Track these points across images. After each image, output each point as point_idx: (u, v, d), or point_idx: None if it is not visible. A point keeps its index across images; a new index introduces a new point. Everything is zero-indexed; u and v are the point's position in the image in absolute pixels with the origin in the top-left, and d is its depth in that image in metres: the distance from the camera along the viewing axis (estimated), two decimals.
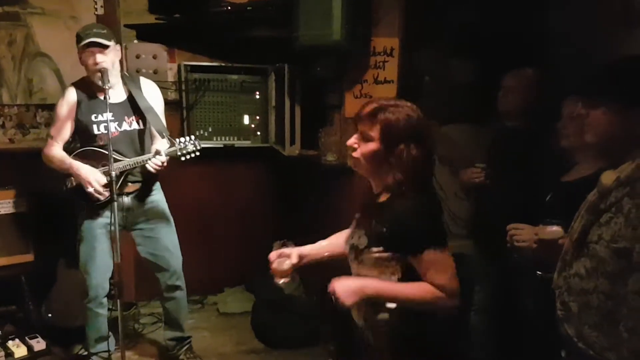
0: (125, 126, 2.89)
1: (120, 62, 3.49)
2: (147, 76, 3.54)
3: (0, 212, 3.23)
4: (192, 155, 2.80)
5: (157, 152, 2.76)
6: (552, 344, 1.69)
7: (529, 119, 2.75)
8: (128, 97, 2.90)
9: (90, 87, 2.84)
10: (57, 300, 3.40)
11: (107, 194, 2.75)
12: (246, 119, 3.86)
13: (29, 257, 3.31)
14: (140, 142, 2.94)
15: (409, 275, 1.67)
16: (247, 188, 2.99)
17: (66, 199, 2.95)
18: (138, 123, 2.93)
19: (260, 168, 3.89)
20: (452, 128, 3.14)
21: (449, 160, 3.16)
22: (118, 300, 2.60)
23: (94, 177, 2.75)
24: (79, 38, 2.73)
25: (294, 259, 1.90)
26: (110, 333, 3.10)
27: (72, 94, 2.86)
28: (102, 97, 2.73)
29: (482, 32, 3.12)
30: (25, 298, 3.33)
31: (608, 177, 1.48)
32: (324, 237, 2.05)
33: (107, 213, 2.80)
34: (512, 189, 2.60)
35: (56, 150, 2.86)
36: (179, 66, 3.68)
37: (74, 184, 2.84)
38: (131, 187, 2.92)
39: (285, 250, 1.92)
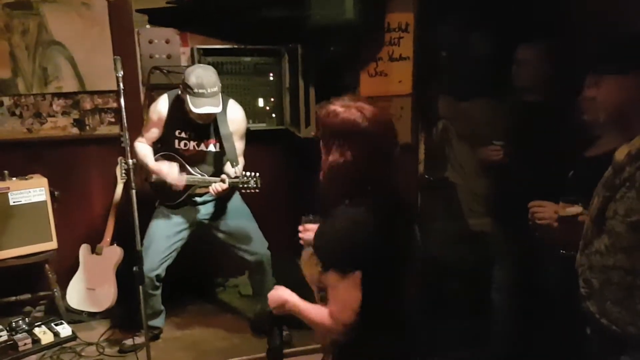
0: (202, 147, 3.09)
1: (133, 47, 3.54)
2: (160, 61, 3.57)
3: (22, 201, 3.25)
4: (251, 191, 2.96)
5: (222, 180, 2.94)
6: (574, 321, 1.68)
7: (548, 93, 2.68)
8: (213, 120, 3.03)
9: (182, 106, 2.96)
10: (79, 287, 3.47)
11: (184, 182, 3.01)
12: (261, 102, 3.83)
13: (52, 245, 3.34)
14: (215, 163, 3.13)
15: None
16: (263, 171, 2.98)
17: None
18: (215, 146, 3.10)
19: (276, 151, 3.87)
20: (471, 104, 3.08)
21: (468, 137, 3.11)
22: (141, 287, 2.66)
23: (170, 173, 3.00)
24: (189, 91, 2.83)
25: None
26: (163, 308, 3.27)
27: (163, 106, 3.06)
28: (189, 116, 2.93)
29: (500, 4, 3.03)
30: (50, 285, 3.38)
31: (621, 153, 1.49)
32: None
33: (178, 217, 3.14)
34: (533, 165, 2.55)
35: (142, 147, 3.10)
36: (191, 50, 3.65)
37: (154, 179, 3.10)
38: (203, 190, 3.09)
39: (310, 225, 1.92)
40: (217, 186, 2.95)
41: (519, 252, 2.84)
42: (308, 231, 1.89)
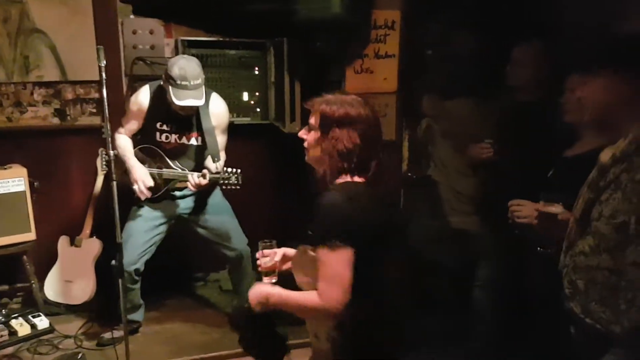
0: (184, 140, 3.06)
1: (117, 37, 3.50)
2: (143, 52, 3.53)
3: (0, 191, 3.20)
4: (232, 187, 2.94)
5: (203, 175, 2.92)
6: (557, 319, 1.70)
7: (539, 93, 2.70)
8: (195, 113, 3.00)
9: (164, 97, 2.93)
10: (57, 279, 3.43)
11: (149, 194, 2.99)
12: (245, 96, 3.81)
13: (30, 236, 3.30)
14: (196, 157, 3.10)
15: None
16: (246, 165, 2.97)
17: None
18: (197, 140, 3.07)
19: (260, 145, 3.85)
20: (456, 103, 3.09)
21: (452, 136, 3.12)
22: (120, 281, 2.64)
23: (141, 178, 2.96)
24: (172, 82, 2.80)
25: (278, 257, 1.92)
26: (142, 302, 3.25)
27: (144, 97, 3.02)
28: (171, 108, 2.89)
29: (487, 3, 3.05)
30: (28, 277, 3.33)
31: (605, 155, 1.51)
32: None
33: (157, 210, 3.11)
34: (518, 164, 2.57)
35: (121, 140, 3.06)
36: (176, 41, 3.62)
37: None
38: (183, 184, 3.07)
39: (269, 251, 1.92)
40: (197, 181, 2.93)
41: (502, 250, 2.87)
42: (266, 257, 1.89)
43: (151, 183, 2.98)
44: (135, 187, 2.97)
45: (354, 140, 1.65)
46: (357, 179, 1.69)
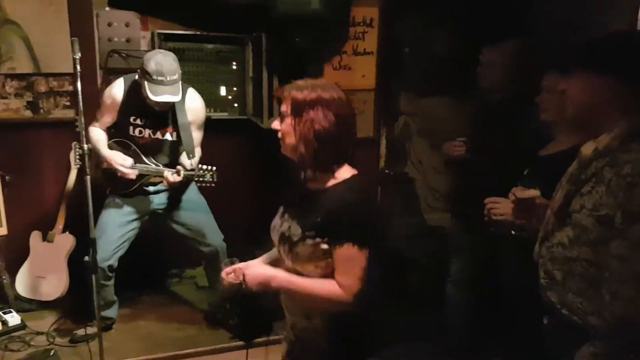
0: (158, 135, 3.02)
1: (92, 30, 3.44)
2: (119, 45, 3.48)
3: None
4: (207, 185, 2.92)
5: (177, 172, 2.88)
6: (530, 313, 1.73)
7: (512, 93, 2.73)
8: (171, 108, 2.95)
9: (139, 91, 2.88)
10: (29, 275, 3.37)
11: (135, 173, 2.94)
12: (223, 90, 3.78)
13: (1, 231, 3.24)
14: (170, 153, 3.08)
15: None
16: (224, 161, 2.96)
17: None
18: (172, 135, 3.03)
19: (238, 141, 3.83)
20: (433, 101, 3.12)
21: (428, 134, 3.14)
22: (93, 276, 2.61)
23: (121, 162, 2.93)
24: (148, 77, 2.76)
25: (240, 274, 1.88)
26: (115, 298, 3.21)
27: (118, 90, 2.98)
28: (146, 102, 2.85)
29: (465, 2, 3.07)
30: None
31: (588, 148, 1.51)
32: None
33: (130, 206, 3.07)
34: (496, 163, 2.60)
35: (96, 133, 3.03)
36: (152, 34, 3.58)
37: (105, 166, 3.02)
38: (157, 179, 3.05)
39: (231, 267, 1.88)
40: (171, 177, 2.90)
41: (477, 247, 2.90)
42: (231, 273, 1.83)
43: (130, 162, 2.94)
44: (120, 170, 2.93)
45: (330, 120, 1.61)
46: (346, 168, 1.68)
